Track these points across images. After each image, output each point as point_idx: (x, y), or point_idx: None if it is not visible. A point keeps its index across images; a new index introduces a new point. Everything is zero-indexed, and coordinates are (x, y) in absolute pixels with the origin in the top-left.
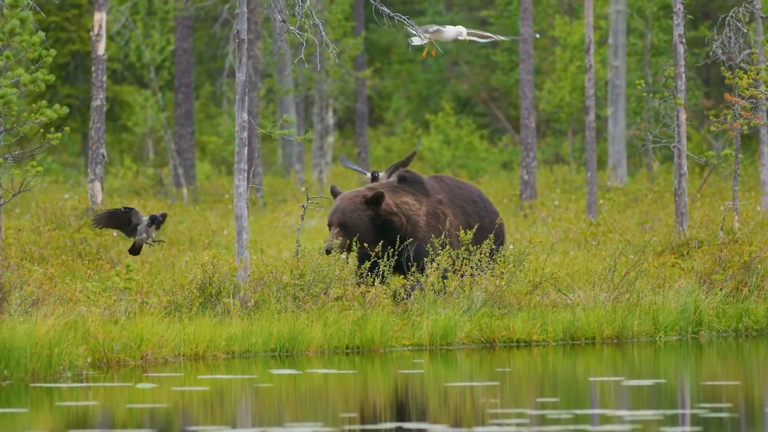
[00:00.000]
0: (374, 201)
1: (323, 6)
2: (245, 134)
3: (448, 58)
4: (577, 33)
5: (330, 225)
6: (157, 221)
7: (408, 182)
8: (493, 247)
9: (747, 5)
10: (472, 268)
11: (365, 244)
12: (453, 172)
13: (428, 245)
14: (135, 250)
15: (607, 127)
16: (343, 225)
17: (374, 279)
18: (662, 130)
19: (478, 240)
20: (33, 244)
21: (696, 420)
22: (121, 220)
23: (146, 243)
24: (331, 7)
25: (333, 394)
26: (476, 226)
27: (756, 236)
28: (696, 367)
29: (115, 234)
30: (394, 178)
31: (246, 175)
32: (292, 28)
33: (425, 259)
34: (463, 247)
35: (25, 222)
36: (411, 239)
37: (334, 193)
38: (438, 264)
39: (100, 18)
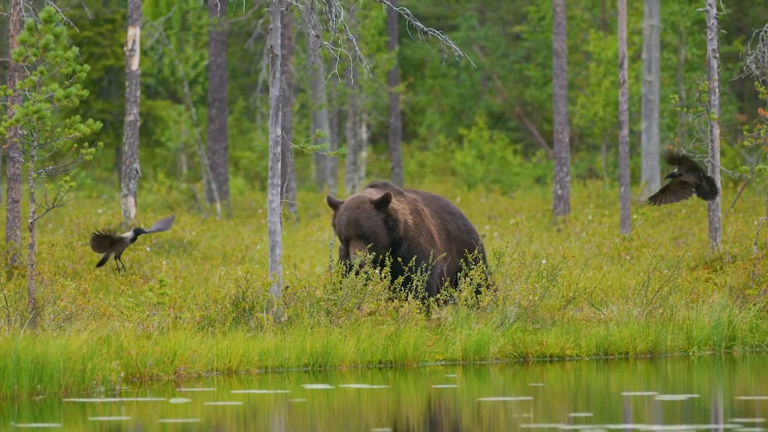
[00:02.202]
0: (383, 203)
1: (357, 21)
2: (279, 149)
3: (482, 73)
4: (610, 48)
5: (348, 239)
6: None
7: (380, 188)
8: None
9: None
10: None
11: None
12: (486, 186)
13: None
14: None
15: (640, 142)
16: (363, 236)
17: (407, 293)
18: (696, 145)
19: (459, 253)
20: (66, 259)
21: None
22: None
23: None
24: (364, 22)
25: (366, 409)
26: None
27: None
28: (729, 382)
29: (149, 249)
30: (367, 189)
31: (279, 189)
32: (325, 43)
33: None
34: (485, 264)
35: (58, 237)
36: (406, 243)
37: (333, 204)
38: (471, 279)
39: (133, 33)
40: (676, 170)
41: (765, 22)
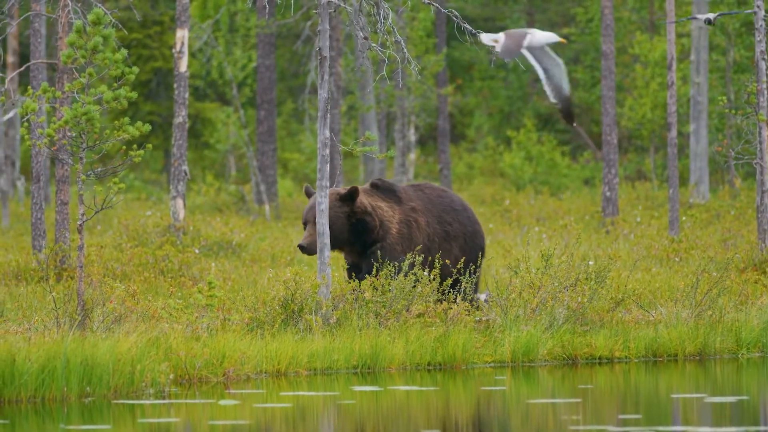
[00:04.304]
0: (349, 197)
1: (405, 23)
2: (327, 151)
3: (530, 75)
4: (657, 49)
5: (305, 223)
6: None
7: (381, 189)
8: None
9: None
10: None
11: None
12: (535, 188)
13: (396, 252)
14: None
15: (689, 144)
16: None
17: (456, 296)
18: (744, 146)
19: (461, 249)
20: (115, 261)
21: None
22: None
23: None
24: (412, 23)
25: (415, 411)
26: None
27: None
28: None
29: (197, 251)
30: (367, 185)
31: (327, 192)
32: (374, 44)
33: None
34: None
35: (107, 239)
36: (380, 244)
37: (309, 194)
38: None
39: (182, 35)
40: None
41: None
